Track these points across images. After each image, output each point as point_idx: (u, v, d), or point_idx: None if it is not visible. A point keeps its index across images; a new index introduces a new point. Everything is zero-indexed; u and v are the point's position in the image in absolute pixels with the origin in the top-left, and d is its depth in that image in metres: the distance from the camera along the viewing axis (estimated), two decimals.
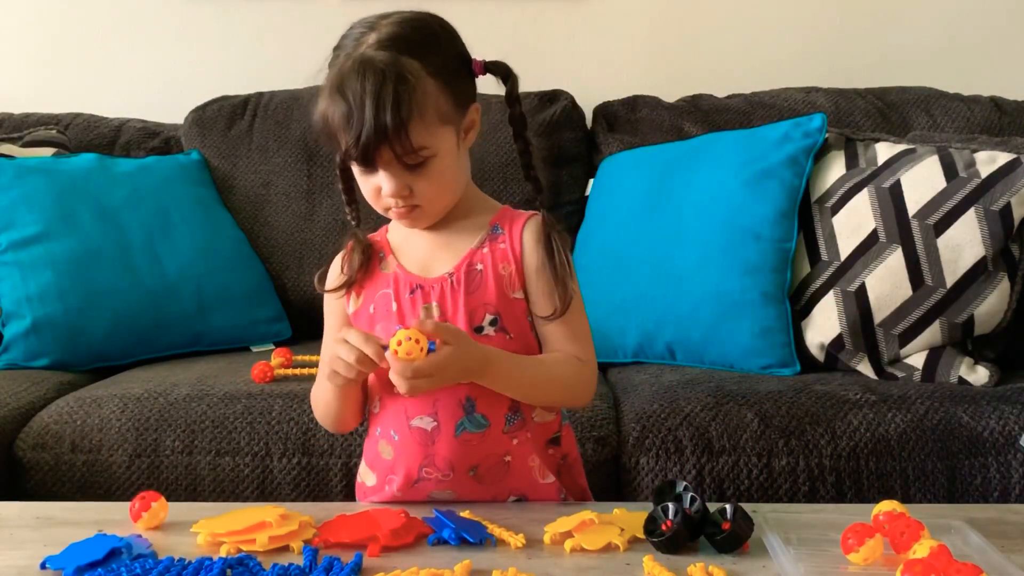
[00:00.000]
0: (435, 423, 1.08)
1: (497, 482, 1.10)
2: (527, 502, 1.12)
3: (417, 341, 0.97)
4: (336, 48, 1.06)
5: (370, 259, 1.14)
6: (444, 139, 1.04)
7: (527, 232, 1.10)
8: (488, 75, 1.11)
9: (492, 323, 1.08)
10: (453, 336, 1.00)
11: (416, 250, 1.13)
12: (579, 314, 1.11)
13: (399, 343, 0.97)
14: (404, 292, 1.10)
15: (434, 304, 1.08)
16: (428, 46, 1.03)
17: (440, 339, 0.98)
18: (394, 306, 1.10)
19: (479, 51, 1.11)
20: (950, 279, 1.69)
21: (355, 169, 1.06)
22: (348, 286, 1.13)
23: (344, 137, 1.00)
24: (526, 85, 1.18)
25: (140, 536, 0.98)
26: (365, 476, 1.16)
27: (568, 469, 1.18)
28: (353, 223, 1.16)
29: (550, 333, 1.10)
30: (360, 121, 0.98)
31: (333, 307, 1.17)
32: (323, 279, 1.16)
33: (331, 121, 1.01)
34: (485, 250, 1.10)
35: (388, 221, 1.15)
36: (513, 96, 1.13)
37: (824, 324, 1.76)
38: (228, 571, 0.90)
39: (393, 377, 0.99)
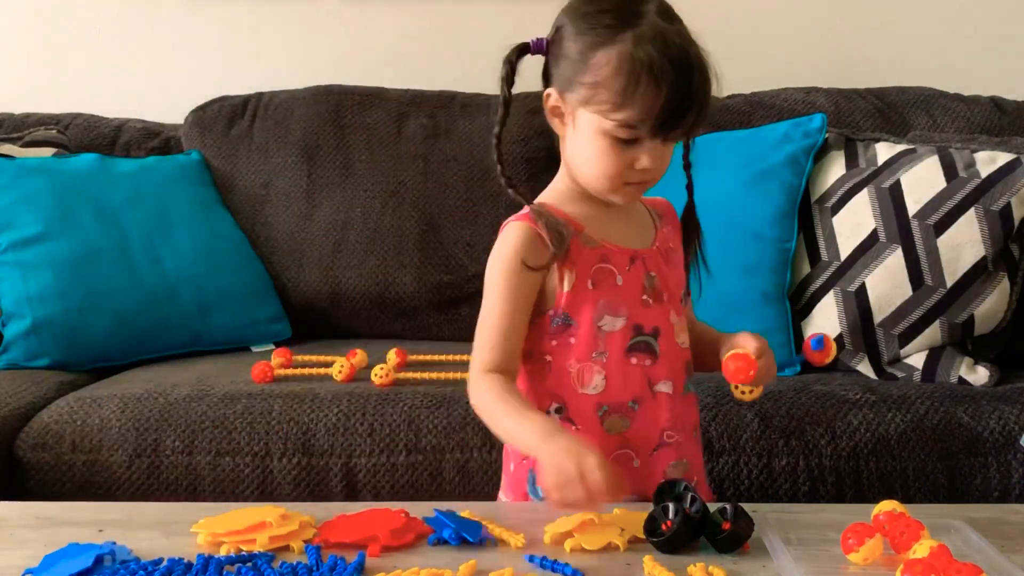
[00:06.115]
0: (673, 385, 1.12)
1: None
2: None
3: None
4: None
5: (568, 233, 1.08)
6: None
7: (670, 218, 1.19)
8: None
9: (686, 295, 1.17)
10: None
11: (601, 223, 1.11)
12: None
13: None
14: (624, 264, 1.10)
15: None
16: None
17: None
18: (619, 279, 1.09)
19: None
20: (950, 279, 1.69)
21: (606, 140, 1.04)
22: (553, 261, 1.07)
23: (641, 106, 1.01)
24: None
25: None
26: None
27: None
28: (511, 190, 1.12)
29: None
30: (683, 110, 1.02)
31: (521, 282, 1.08)
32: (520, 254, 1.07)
33: (638, 84, 1.01)
34: (667, 229, 1.17)
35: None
36: None
37: (824, 324, 1.76)
38: (228, 569, 0.89)
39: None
